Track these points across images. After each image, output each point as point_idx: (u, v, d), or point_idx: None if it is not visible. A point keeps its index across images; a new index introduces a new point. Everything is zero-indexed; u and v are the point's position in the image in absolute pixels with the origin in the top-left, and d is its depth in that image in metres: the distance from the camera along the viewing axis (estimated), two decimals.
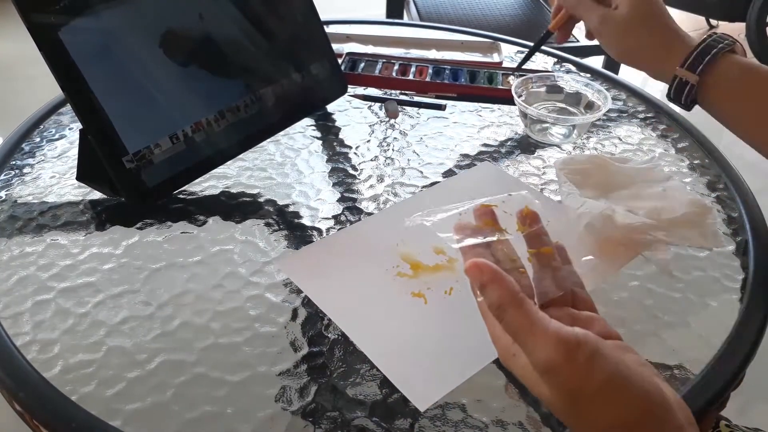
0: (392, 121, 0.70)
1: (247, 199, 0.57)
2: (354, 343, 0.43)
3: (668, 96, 0.57)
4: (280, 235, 0.53)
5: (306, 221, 0.54)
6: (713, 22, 3.08)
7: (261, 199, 0.57)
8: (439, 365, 0.41)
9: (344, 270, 0.49)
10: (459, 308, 0.44)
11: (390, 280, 0.48)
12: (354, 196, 0.58)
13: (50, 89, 0.56)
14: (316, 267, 0.49)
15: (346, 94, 0.71)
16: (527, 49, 0.89)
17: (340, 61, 0.76)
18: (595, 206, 0.52)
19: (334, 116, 0.71)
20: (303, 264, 0.50)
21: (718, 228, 0.54)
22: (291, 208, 0.56)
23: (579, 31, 1.76)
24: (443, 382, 0.40)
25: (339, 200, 0.57)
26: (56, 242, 0.51)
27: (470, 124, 0.70)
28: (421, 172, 0.61)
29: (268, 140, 0.64)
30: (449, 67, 0.77)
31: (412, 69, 0.76)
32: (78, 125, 0.65)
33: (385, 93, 0.75)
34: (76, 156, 0.55)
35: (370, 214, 0.55)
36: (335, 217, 0.55)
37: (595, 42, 0.61)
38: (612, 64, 1.82)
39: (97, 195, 0.56)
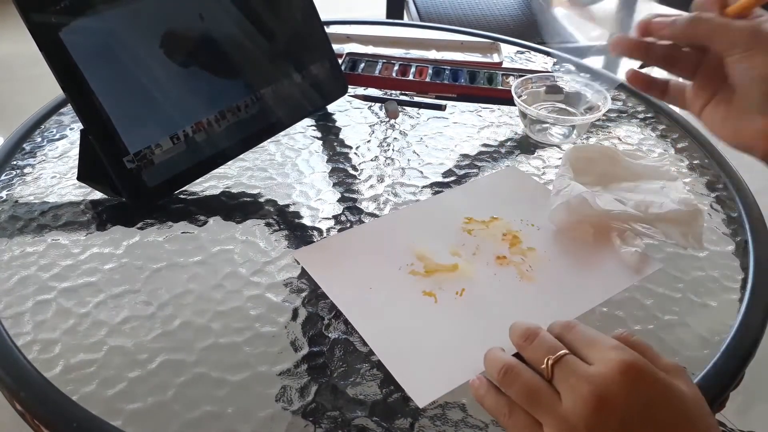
0: (392, 121, 0.70)
1: (248, 199, 0.57)
2: (355, 342, 0.43)
3: None
4: (281, 235, 0.53)
5: (306, 221, 0.54)
6: None
7: (261, 199, 0.57)
8: (442, 364, 0.41)
9: (359, 264, 0.49)
10: (468, 310, 0.45)
11: (402, 278, 0.48)
12: (354, 196, 0.58)
13: (51, 89, 0.56)
14: (331, 259, 0.50)
15: (347, 94, 0.71)
16: (527, 50, 0.89)
17: (340, 61, 0.76)
18: (577, 188, 0.52)
19: (334, 116, 0.71)
20: (319, 256, 0.50)
21: (702, 232, 0.53)
22: (291, 208, 0.56)
23: (578, 31, 1.75)
24: (444, 381, 0.40)
25: (339, 200, 0.57)
26: (57, 242, 0.51)
27: (470, 125, 0.70)
28: (421, 173, 0.61)
29: (269, 140, 0.64)
30: (449, 67, 0.77)
31: (412, 69, 0.76)
32: (79, 125, 0.65)
33: (385, 93, 0.75)
34: (77, 156, 0.55)
35: (370, 214, 0.55)
36: (335, 217, 0.55)
37: (595, 42, 0.60)
38: (612, 65, 1.82)
39: (98, 195, 0.56)
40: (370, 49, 0.85)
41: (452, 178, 0.60)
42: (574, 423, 0.30)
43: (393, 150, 0.65)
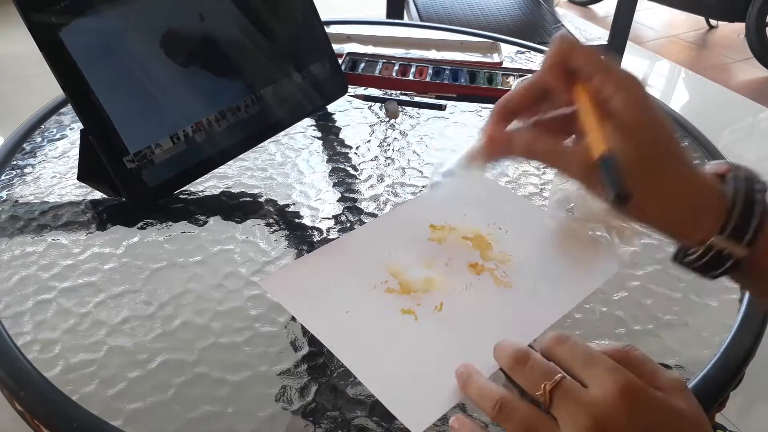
0: (392, 121, 0.70)
1: (248, 199, 0.57)
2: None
3: (682, 262, 0.37)
4: (281, 235, 0.53)
5: (306, 221, 0.54)
6: (713, 22, 3.08)
7: (261, 199, 0.57)
8: (432, 386, 0.40)
9: (331, 286, 0.47)
10: (450, 325, 0.44)
11: (379, 297, 0.46)
12: (354, 196, 0.58)
13: (51, 89, 0.56)
14: (300, 286, 0.47)
15: (347, 94, 0.71)
16: (527, 50, 0.89)
17: (340, 61, 0.76)
18: (576, 186, 0.52)
19: (334, 116, 0.71)
20: (287, 283, 0.47)
21: None
22: (291, 208, 0.56)
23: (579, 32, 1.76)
24: (437, 404, 0.39)
25: (339, 200, 0.57)
26: (57, 242, 0.51)
27: (470, 125, 0.70)
28: (421, 172, 0.61)
29: (269, 140, 0.64)
30: (449, 67, 0.77)
31: (412, 69, 0.76)
32: (79, 125, 0.65)
33: (386, 93, 0.75)
34: (77, 156, 0.55)
35: (370, 214, 0.55)
36: (335, 217, 0.55)
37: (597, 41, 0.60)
38: None
39: (98, 195, 0.56)
40: (370, 49, 0.85)
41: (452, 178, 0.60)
42: None
43: (393, 150, 0.65)
